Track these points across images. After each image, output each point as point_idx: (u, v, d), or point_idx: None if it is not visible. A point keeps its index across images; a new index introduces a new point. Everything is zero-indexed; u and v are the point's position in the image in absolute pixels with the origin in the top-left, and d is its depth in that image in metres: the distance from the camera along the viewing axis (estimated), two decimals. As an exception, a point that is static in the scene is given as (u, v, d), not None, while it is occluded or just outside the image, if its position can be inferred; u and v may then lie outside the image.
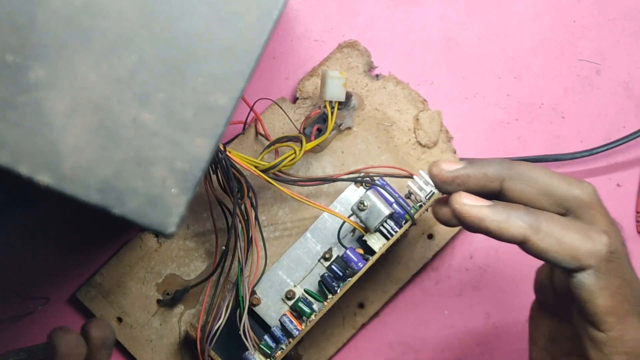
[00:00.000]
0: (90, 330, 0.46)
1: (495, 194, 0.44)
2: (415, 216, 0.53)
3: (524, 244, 0.41)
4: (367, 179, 0.56)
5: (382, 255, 0.54)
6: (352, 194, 0.57)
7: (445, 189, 0.44)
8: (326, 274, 0.54)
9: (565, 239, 0.40)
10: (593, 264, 0.40)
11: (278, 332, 0.53)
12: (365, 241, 0.53)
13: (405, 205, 0.54)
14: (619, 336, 0.41)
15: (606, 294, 0.41)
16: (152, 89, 0.39)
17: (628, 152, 0.61)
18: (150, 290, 0.58)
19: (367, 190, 0.54)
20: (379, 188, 0.54)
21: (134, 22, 0.39)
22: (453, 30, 0.60)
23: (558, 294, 0.46)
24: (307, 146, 0.55)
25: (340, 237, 0.55)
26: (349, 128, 0.58)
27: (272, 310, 0.56)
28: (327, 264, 0.56)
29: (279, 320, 0.53)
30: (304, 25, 0.60)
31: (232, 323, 0.54)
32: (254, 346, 0.53)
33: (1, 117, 0.38)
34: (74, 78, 0.38)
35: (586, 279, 0.41)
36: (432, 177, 0.44)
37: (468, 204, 0.42)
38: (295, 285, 0.56)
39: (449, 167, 0.43)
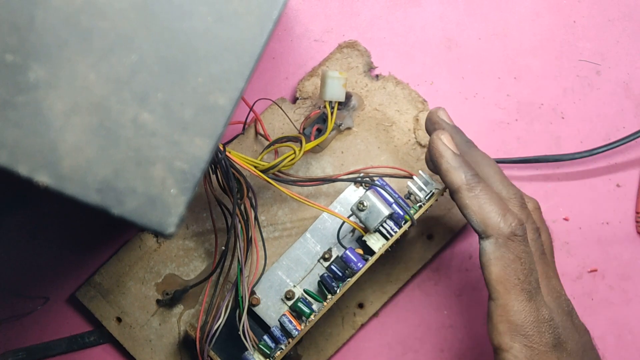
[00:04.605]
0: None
1: None
2: (415, 216, 0.53)
3: (455, 194, 0.49)
4: (367, 179, 0.55)
5: (381, 256, 0.54)
6: (352, 194, 0.57)
7: (427, 125, 0.54)
8: (326, 274, 0.54)
9: (485, 206, 0.49)
10: (494, 234, 0.48)
11: (277, 332, 0.53)
12: (364, 241, 0.53)
13: (404, 205, 0.54)
14: (504, 304, 0.48)
15: (499, 264, 0.48)
16: (151, 88, 0.39)
17: (628, 153, 0.61)
18: (149, 290, 0.58)
19: (367, 190, 0.54)
20: (378, 188, 0.54)
21: (134, 22, 0.39)
22: (453, 30, 0.60)
23: None
24: (307, 146, 0.55)
25: (340, 238, 0.55)
26: (348, 128, 0.58)
27: (272, 310, 0.56)
28: (326, 264, 0.56)
29: (279, 321, 0.53)
30: (304, 25, 0.60)
31: (231, 323, 0.54)
32: (253, 346, 0.53)
33: (0, 116, 0.38)
34: (74, 78, 0.38)
35: (487, 247, 0.48)
36: (430, 112, 0.54)
37: (443, 140, 0.50)
38: (294, 286, 0.56)
39: (443, 116, 0.53)
